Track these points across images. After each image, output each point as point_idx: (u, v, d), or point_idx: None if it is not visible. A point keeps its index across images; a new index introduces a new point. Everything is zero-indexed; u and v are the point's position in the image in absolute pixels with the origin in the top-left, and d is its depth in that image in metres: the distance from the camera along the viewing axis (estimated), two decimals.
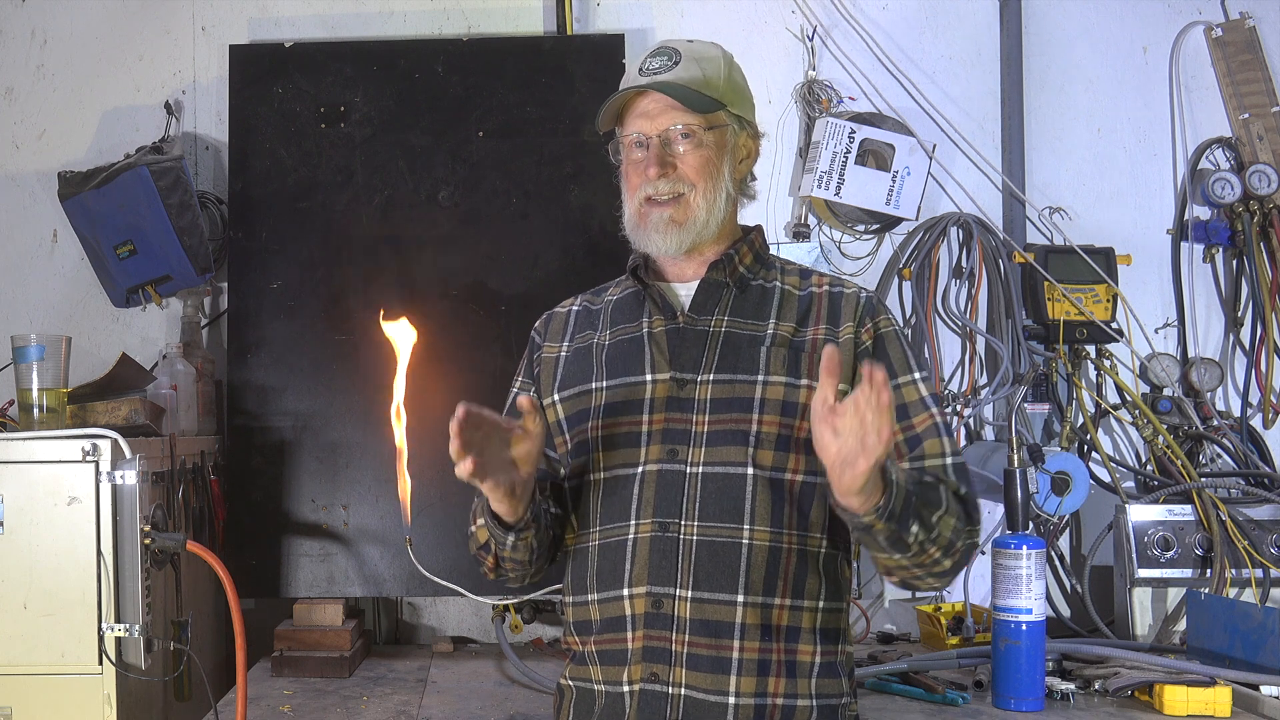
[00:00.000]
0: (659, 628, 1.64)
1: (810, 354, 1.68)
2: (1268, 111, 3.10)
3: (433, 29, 3.13)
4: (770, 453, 1.65)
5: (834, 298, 1.74)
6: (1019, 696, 2.29)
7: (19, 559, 2.12)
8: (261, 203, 2.94)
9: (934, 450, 1.66)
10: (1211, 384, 3.08)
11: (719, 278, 1.75)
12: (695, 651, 1.62)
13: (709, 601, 1.62)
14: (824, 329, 1.71)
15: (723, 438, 1.66)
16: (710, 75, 1.72)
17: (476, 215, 2.93)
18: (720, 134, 1.73)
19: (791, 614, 1.64)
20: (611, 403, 1.73)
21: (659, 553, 1.64)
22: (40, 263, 3.12)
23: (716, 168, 1.72)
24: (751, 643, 1.62)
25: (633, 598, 1.65)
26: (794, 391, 1.67)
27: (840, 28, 3.13)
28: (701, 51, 1.75)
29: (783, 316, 1.73)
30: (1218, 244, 3.12)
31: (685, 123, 1.70)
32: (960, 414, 3.01)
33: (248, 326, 2.91)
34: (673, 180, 1.71)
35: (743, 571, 1.63)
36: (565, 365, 1.81)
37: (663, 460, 1.67)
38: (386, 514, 2.84)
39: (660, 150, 1.71)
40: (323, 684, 2.60)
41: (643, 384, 1.71)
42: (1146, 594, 2.83)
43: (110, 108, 3.12)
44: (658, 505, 1.66)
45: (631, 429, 1.70)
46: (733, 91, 1.75)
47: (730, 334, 1.71)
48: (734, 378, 1.68)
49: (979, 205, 3.12)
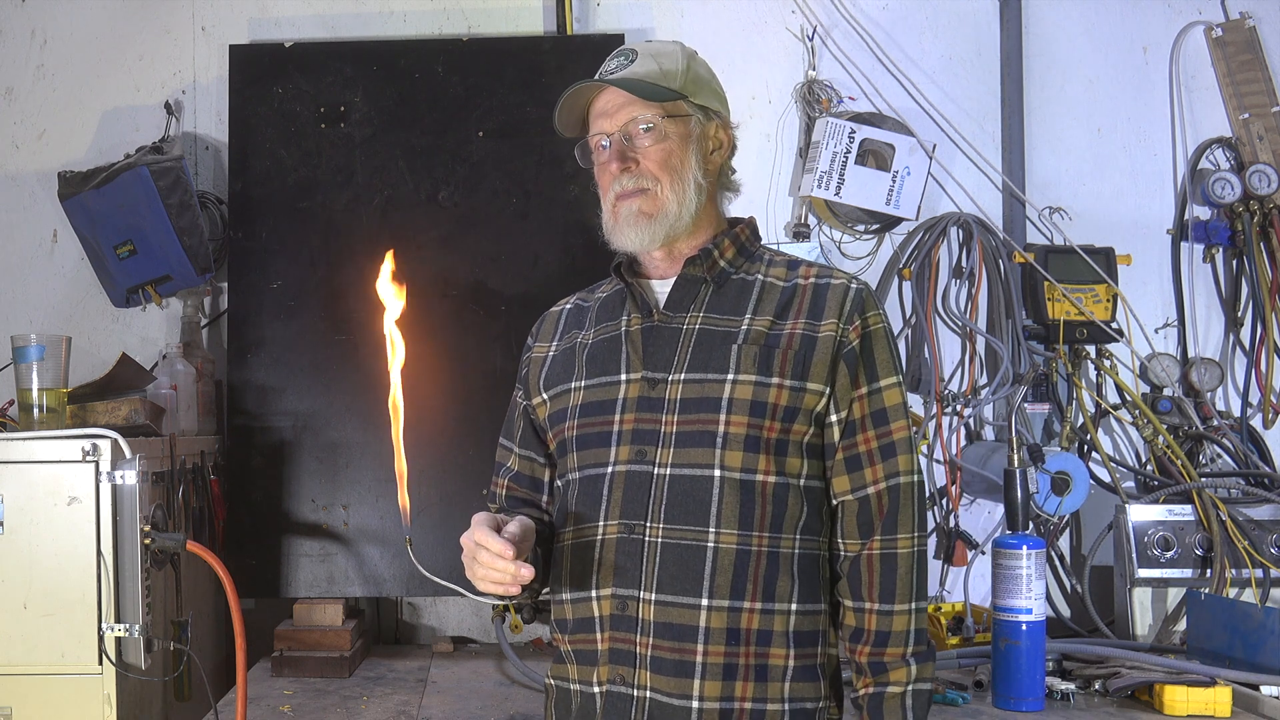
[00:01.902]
0: (624, 630, 1.62)
1: (785, 350, 1.62)
2: (1268, 111, 3.10)
3: (433, 29, 3.13)
4: (739, 454, 1.61)
5: (819, 289, 1.67)
6: (1019, 696, 2.29)
7: (19, 559, 2.12)
8: (261, 203, 2.94)
9: (905, 467, 1.64)
10: (1211, 384, 3.08)
11: (696, 273, 1.70)
12: (659, 655, 1.60)
13: (673, 605, 1.60)
14: (803, 323, 1.64)
15: (691, 439, 1.62)
16: (668, 68, 1.70)
17: (476, 215, 2.93)
18: (682, 124, 1.70)
19: (762, 618, 1.60)
20: (587, 402, 1.71)
21: (624, 555, 1.62)
22: (40, 263, 3.12)
23: (681, 159, 1.69)
24: (716, 646, 1.59)
25: (600, 599, 1.64)
26: (764, 390, 1.61)
27: (840, 28, 3.13)
28: (658, 48, 1.73)
29: (760, 311, 1.66)
30: (1218, 244, 3.12)
31: (643, 115, 1.68)
32: (960, 414, 3.01)
33: (248, 326, 2.91)
34: (636, 175, 1.68)
35: (707, 575, 1.59)
36: (551, 364, 1.80)
37: (631, 461, 1.64)
38: (386, 514, 2.84)
39: (621, 145, 1.69)
40: (323, 684, 2.60)
41: (617, 383, 1.69)
42: (1146, 594, 2.83)
43: (110, 108, 3.12)
44: (624, 507, 1.63)
45: (604, 429, 1.68)
46: (694, 83, 1.71)
47: (704, 331, 1.66)
48: (704, 377, 1.63)
49: (979, 205, 3.12)
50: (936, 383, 3.02)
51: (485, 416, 2.75)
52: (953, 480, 2.94)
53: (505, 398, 1.91)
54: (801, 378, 1.62)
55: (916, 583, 1.63)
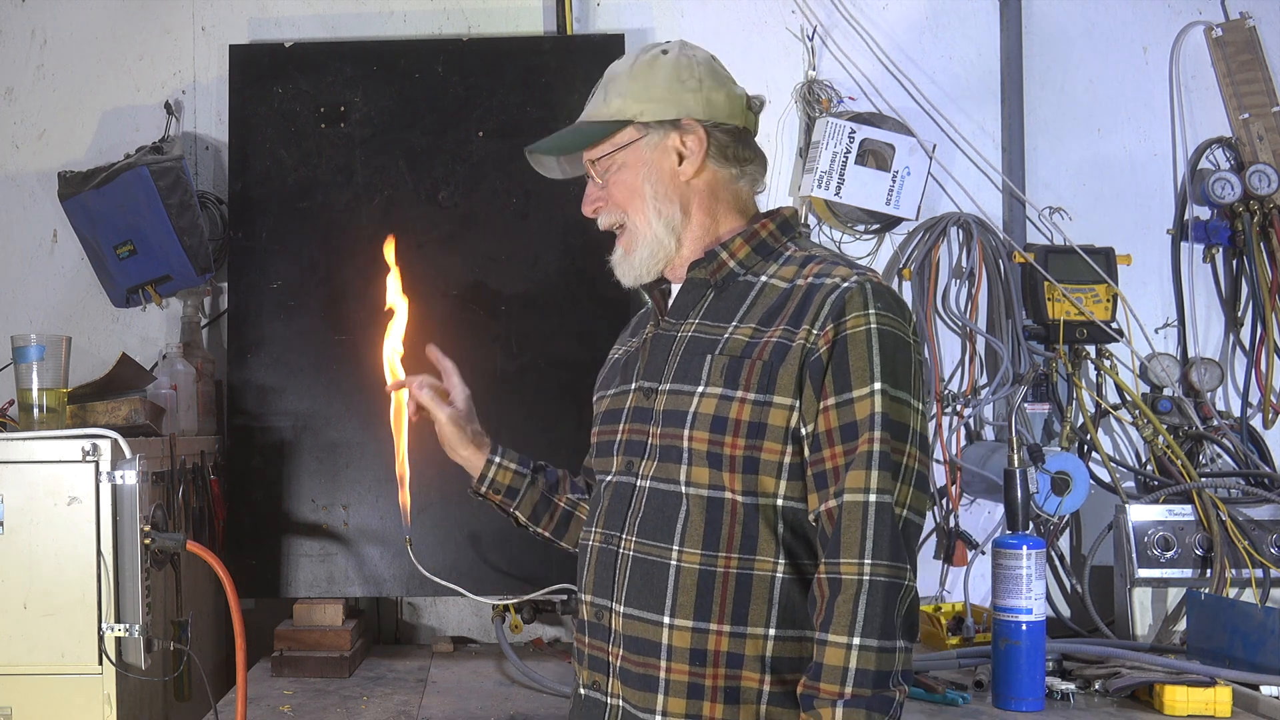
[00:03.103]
0: (599, 638, 1.64)
1: (754, 360, 1.53)
2: (1268, 111, 3.10)
3: (433, 29, 3.13)
4: (705, 470, 1.54)
5: (810, 290, 1.55)
6: (1019, 696, 2.29)
7: (19, 559, 2.12)
8: (261, 203, 2.94)
9: (855, 484, 1.46)
10: (1211, 384, 3.08)
11: (700, 276, 1.65)
12: (626, 666, 1.59)
13: (638, 619, 1.57)
14: (782, 330, 1.54)
15: (666, 453, 1.58)
16: (612, 94, 1.67)
17: (476, 215, 2.93)
18: (633, 150, 1.66)
19: (731, 640, 1.52)
20: (606, 410, 1.74)
21: (603, 564, 1.63)
22: (40, 263, 3.12)
23: (643, 183, 1.66)
24: (680, 665, 1.54)
25: (584, 605, 1.67)
26: (726, 405, 1.53)
27: (840, 28, 3.13)
28: (613, 70, 1.71)
29: (748, 318, 1.58)
30: (1218, 244, 3.12)
31: (592, 157, 1.70)
32: (960, 414, 3.01)
33: (248, 326, 2.91)
34: (608, 212, 1.70)
35: (669, 594, 1.54)
36: (608, 369, 1.83)
37: (621, 472, 1.65)
38: (386, 514, 2.84)
39: (591, 189, 1.72)
40: (323, 684, 2.60)
41: (626, 393, 1.69)
42: (1146, 594, 2.83)
43: (110, 108, 3.12)
44: (608, 517, 1.64)
45: (609, 438, 1.70)
46: (641, 99, 1.65)
47: (692, 339, 1.61)
48: (680, 388, 1.58)
49: (979, 205, 3.12)
50: (936, 383, 3.02)
51: (485, 416, 2.75)
52: (953, 480, 2.95)
53: (505, 397, 1.93)
54: (767, 390, 1.52)
55: (863, 616, 1.43)
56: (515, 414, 2.76)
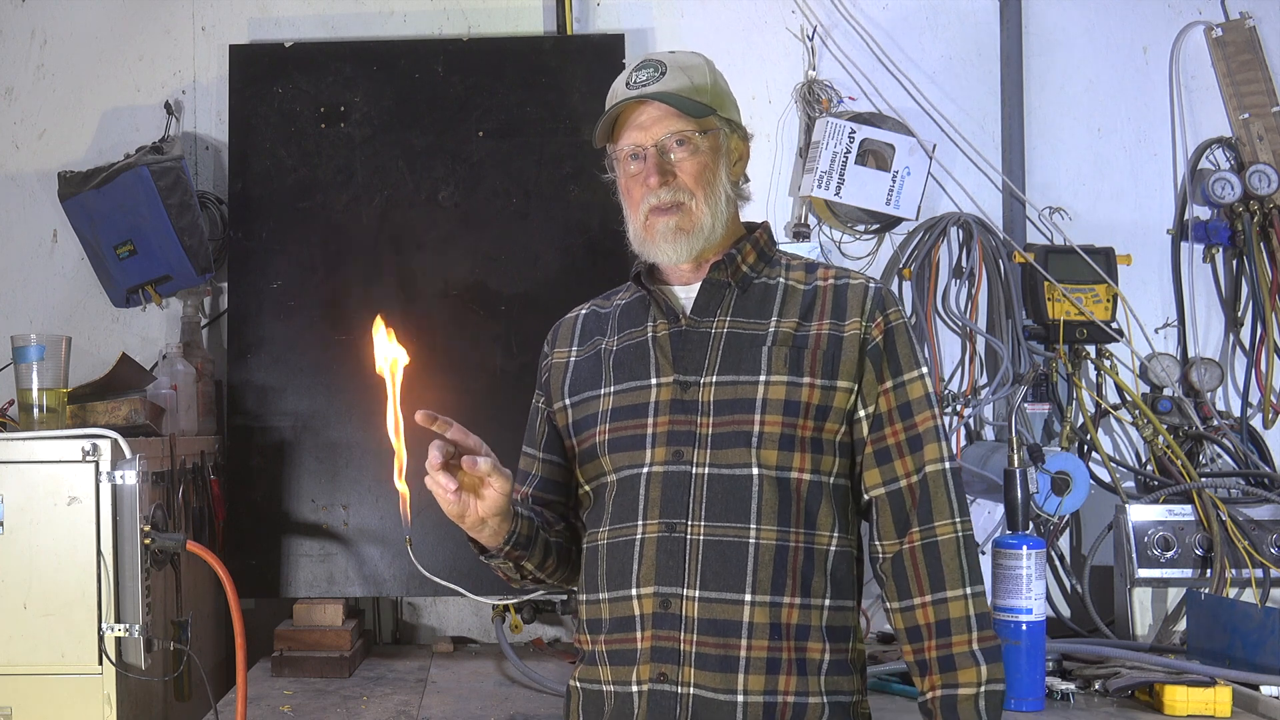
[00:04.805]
0: (667, 627, 1.65)
1: (813, 350, 1.68)
2: (1268, 111, 3.10)
3: (433, 29, 3.13)
4: (775, 452, 1.66)
5: (839, 290, 1.73)
6: (1019, 696, 2.29)
7: (19, 559, 2.12)
8: (261, 203, 2.94)
9: (933, 456, 1.67)
10: (1211, 384, 3.08)
11: (721, 278, 1.75)
12: (703, 651, 1.63)
13: (716, 601, 1.63)
14: (828, 324, 1.70)
15: (727, 439, 1.66)
16: (698, 82, 1.74)
17: (476, 215, 2.93)
18: (714, 138, 1.74)
19: (801, 612, 1.64)
20: (618, 407, 1.74)
21: (666, 553, 1.66)
22: (40, 263, 3.12)
23: (714, 173, 1.73)
24: (760, 641, 1.63)
25: (640, 598, 1.67)
26: (796, 390, 1.67)
27: (840, 28, 3.13)
28: (685, 61, 1.77)
29: (785, 314, 1.72)
30: (1218, 244, 3.12)
31: (680, 130, 1.71)
32: (960, 414, 3.01)
33: (248, 326, 2.91)
34: (674, 188, 1.72)
35: (750, 571, 1.63)
36: (575, 370, 1.83)
37: (668, 462, 1.68)
38: (386, 514, 2.84)
39: (658, 159, 1.72)
40: (323, 684, 2.60)
41: (648, 388, 1.72)
42: (1146, 594, 2.83)
43: (110, 108, 3.12)
44: (664, 506, 1.67)
45: (637, 432, 1.71)
46: (720, 96, 1.76)
47: (732, 334, 1.71)
48: (737, 379, 1.68)
49: (979, 205, 3.12)
50: (936, 383, 3.02)
51: (485, 416, 2.75)
52: None
53: (505, 397, 1.92)
54: (831, 376, 1.67)
55: (967, 566, 1.64)
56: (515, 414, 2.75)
